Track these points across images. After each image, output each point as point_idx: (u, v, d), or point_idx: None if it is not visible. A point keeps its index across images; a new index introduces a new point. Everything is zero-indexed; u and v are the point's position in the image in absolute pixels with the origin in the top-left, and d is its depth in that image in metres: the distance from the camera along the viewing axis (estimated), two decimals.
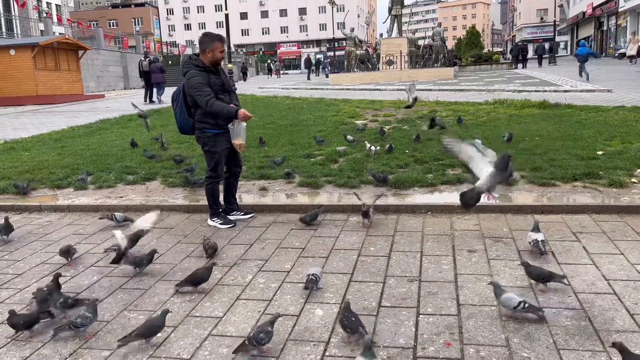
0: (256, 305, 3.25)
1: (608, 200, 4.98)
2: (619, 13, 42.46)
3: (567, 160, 6.33)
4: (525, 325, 2.83)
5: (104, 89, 31.97)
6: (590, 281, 3.33)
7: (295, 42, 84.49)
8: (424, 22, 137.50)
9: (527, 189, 5.42)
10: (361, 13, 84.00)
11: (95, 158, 8.18)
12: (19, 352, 2.83)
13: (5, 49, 22.41)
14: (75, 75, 25.24)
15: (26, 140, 10.82)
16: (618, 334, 2.72)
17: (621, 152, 6.67)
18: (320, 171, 6.52)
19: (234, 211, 5.11)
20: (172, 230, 4.90)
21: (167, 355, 2.74)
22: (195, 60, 4.71)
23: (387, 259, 3.90)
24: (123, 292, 3.55)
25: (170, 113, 14.40)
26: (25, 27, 37.12)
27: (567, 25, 62.68)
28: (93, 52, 29.85)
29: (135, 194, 6.13)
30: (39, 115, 16.99)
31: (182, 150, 8.41)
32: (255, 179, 6.40)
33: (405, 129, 9.57)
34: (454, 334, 2.79)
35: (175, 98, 4.87)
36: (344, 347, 2.72)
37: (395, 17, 28.29)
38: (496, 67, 35.42)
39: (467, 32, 72.73)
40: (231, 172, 5.09)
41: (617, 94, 14.04)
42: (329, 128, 10.16)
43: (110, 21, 72.60)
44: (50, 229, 5.13)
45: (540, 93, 14.93)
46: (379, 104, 14.15)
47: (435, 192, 5.57)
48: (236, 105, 4.84)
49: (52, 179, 6.90)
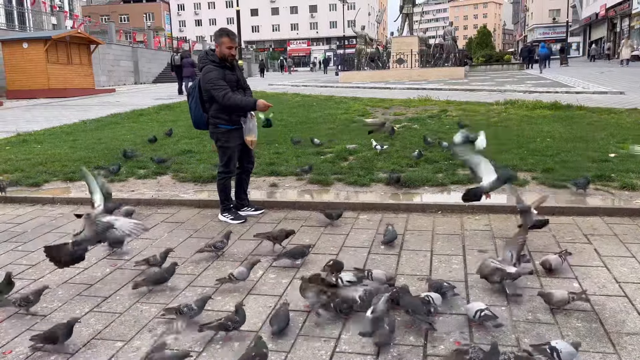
0: (267, 300, 3.27)
1: (620, 202, 4.96)
2: (632, 15, 42.03)
3: (579, 162, 6.31)
4: (536, 326, 2.83)
5: (115, 83, 32.13)
6: (602, 283, 3.33)
7: (305, 39, 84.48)
8: (435, 21, 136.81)
9: (539, 190, 5.40)
10: (372, 11, 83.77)
11: (107, 152, 8.24)
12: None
13: (18, 42, 22.58)
14: (86, 69, 25.39)
15: (38, 133, 10.91)
16: (629, 336, 2.72)
17: (633, 155, 6.63)
18: (330, 169, 6.54)
19: (245, 207, 5.14)
20: (183, 224, 4.93)
21: (178, 348, 2.77)
22: (212, 55, 4.74)
23: (397, 257, 3.91)
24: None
25: (181, 108, 14.51)
26: (38, 21, 37.37)
27: (580, 26, 62.13)
28: (104, 46, 29.98)
29: (147, 188, 6.18)
30: (50, 109, 17.12)
31: (193, 145, 8.46)
32: (265, 175, 6.43)
33: (416, 128, 9.56)
34: (464, 333, 2.80)
35: (190, 92, 4.90)
36: (354, 343, 2.74)
37: (406, 15, 28.18)
38: (507, 67, 35.25)
39: (478, 32, 72.36)
40: (243, 168, 5.12)
41: (630, 96, 13.92)
42: (339, 126, 10.17)
43: (121, 16, 72.85)
44: (63, 221, 5.19)
45: (552, 94, 14.83)
46: (389, 102, 14.12)
47: (446, 192, 5.57)
48: None
49: (64, 171, 6.97)
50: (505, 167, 5.09)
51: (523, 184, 5.60)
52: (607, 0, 47.45)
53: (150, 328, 2.98)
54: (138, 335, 2.90)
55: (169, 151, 8.06)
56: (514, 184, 5.20)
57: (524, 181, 5.67)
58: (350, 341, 2.76)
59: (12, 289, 3.29)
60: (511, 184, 4.70)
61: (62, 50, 23.35)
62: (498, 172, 4.14)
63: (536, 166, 6.24)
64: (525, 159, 6.60)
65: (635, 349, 2.61)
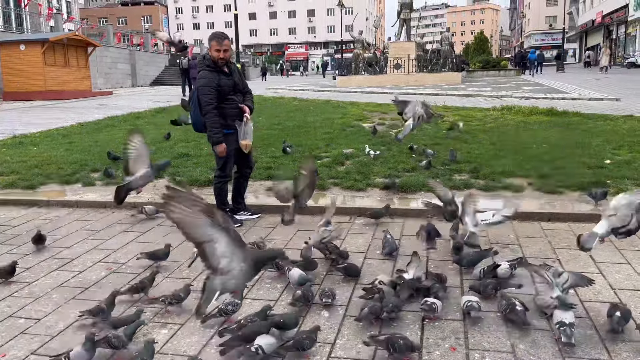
0: (262, 305, 3.26)
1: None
2: (628, 22, 42.33)
3: (575, 169, 6.32)
4: (532, 332, 2.83)
5: (112, 86, 32.12)
6: (597, 290, 3.33)
7: (303, 43, 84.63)
8: (432, 26, 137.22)
9: (534, 196, 5.41)
10: (370, 16, 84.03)
11: (103, 154, 8.21)
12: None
13: (15, 44, 22.56)
14: (83, 71, 25.38)
15: (35, 135, 10.89)
16: (624, 343, 2.72)
17: (629, 162, 6.65)
18: (327, 173, 6.54)
19: (241, 211, 5.14)
20: None
21: (174, 352, 2.76)
22: (207, 60, 4.73)
23: (393, 262, 3.91)
24: None
25: (178, 112, 14.48)
26: (35, 23, 37.31)
27: (576, 32, 62.52)
28: (102, 49, 29.97)
29: (143, 190, 6.14)
30: (47, 111, 17.09)
31: (190, 149, 8.44)
32: (262, 180, 6.42)
33: (413, 133, 9.57)
34: (459, 339, 2.80)
35: (192, 96, 4.93)
36: (349, 348, 2.74)
37: (404, 21, 28.29)
38: (504, 73, 35.37)
39: (475, 38, 72.71)
40: (241, 173, 5.12)
41: (626, 103, 13.99)
42: (336, 130, 10.18)
43: (119, 19, 72.87)
44: (58, 224, 5.17)
45: (548, 100, 14.89)
46: (386, 107, 14.14)
47: None
48: (249, 106, 4.88)
49: (60, 174, 6.95)
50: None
51: (519, 190, 5.62)
52: (604, 7, 47.78)
53: (145, 332, 2.96)
54: (134, 339, 2.87)
55: (166, 154, 8.04)
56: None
57: (520, 187, 5.69)
58: (345, 346, 2.76)
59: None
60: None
61: (59, 53, 23.35)
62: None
63: (532, 172, 6.25)
64: (522, 165, 6.62)
65: (630, 356, 2.61)
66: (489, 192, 5.62)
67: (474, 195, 4.25)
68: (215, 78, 4.65)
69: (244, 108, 4.84)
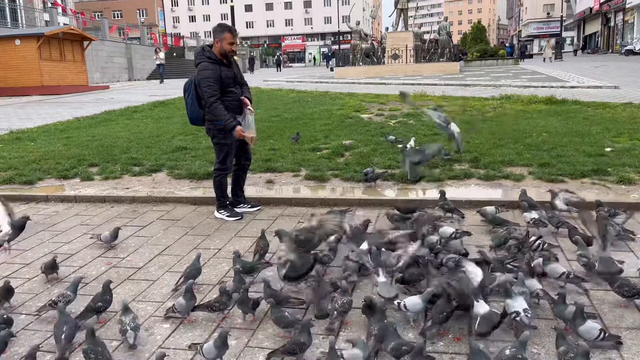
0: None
1: (617, 197, 4.95)
2: (626, 9, 42.20)
3: (575, 157, 6.30)
4: (535, 322, 2.82)
5: (109, 80, 31.96)
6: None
7: (299, 35, 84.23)
8: (429, 16, 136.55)
9: (535, 185, 5.39)
10: (366, 6, 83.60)
11: (101, 149, 8.19)
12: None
13: (10, 39, 22.41)
14: (80, 66, 25.25)
15: (32, 130, 10.83)
16: (628, 330, 2.71)
17: (629, 149, 6.63)
18: (326, 165, 6.51)
19: (241, 204, 5.11)
20: (179, 222, 4.89)
21: (175, 347, 2.75)
22: (208, 52, 4.67)
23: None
24: (131, 283, 3.56)
25: (175, 105, 14.44)
26: (31, 17, 37.05)
27: (574, 20, 62.31)
28: (98, 43, 29.80)
29: (142, 185, 6.13)
30: (44, 106, 17.01)
31: (188, 142, 8.40)
32: (261, 172, 6.39)
33: (411, 124, 9.54)
34: (463, 329, 2.79)
35: (187, 88, 4.83)
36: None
37: (401, 10, 28.12)
38: (502, 62, 35.25)
39: (473, 27, 72.29)
40: (240, 165, 5.09)
41: (624, 90, 13.95)
42: (334, 122, 10.13)
43: (114, 12, 72.37)
44: (57, 219, 5.14)
45: (547, 89, 14.84)
46: (384, 98, 14.10)
47: (441, 187, 5.54)
48: (248, 97, 4.84)
49: (58, 169, 6.91)
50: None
51: (520, 178, 5.60)
52: None
53: (147, 327, 2.95)
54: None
55: (163, 148, 8.01)
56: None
57: (520, 176, 5.67)
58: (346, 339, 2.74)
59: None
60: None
61: (55, 47, 23.21)
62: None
63: (532, 161, 6.23)
64: (522, 154, 6.60)
65: (635, 344, 2.60)
66: (488, 180, 5.60)
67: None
68: (217, 71, 4.61)
69: (245, 100, 4.80)
